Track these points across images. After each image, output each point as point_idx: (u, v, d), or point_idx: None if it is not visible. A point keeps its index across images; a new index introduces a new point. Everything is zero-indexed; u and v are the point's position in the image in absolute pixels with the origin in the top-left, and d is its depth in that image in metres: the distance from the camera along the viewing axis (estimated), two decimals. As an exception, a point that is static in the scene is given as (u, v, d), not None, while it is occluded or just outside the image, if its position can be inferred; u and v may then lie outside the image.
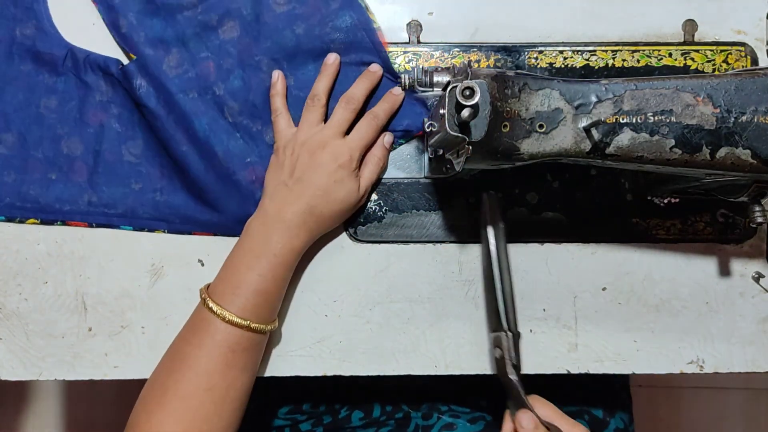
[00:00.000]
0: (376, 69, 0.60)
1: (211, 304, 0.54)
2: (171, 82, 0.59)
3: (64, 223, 0.61)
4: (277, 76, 0.60)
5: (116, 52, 0.62)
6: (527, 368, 0.62)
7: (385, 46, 0.60)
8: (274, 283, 0.56)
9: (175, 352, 0.56)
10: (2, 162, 0.61)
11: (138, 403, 0.55)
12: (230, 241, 0.63)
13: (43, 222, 0.61)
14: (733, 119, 0.47)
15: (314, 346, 0.63)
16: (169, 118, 0.59)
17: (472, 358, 0.62)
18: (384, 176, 0.62)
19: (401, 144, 0.61)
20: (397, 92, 0.60)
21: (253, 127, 0.60)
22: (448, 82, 0.50)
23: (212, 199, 0.60)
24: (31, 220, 0.61)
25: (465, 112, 0.43)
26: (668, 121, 0.47)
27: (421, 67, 0.62)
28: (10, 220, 0.61)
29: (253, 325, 0.54)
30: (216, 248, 0.63)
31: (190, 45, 0.60)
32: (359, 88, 0.59)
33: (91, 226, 0.62)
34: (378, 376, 0.62)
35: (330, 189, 0.56)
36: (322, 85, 0.59)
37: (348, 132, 0.58)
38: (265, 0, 0.60)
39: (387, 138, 0.60)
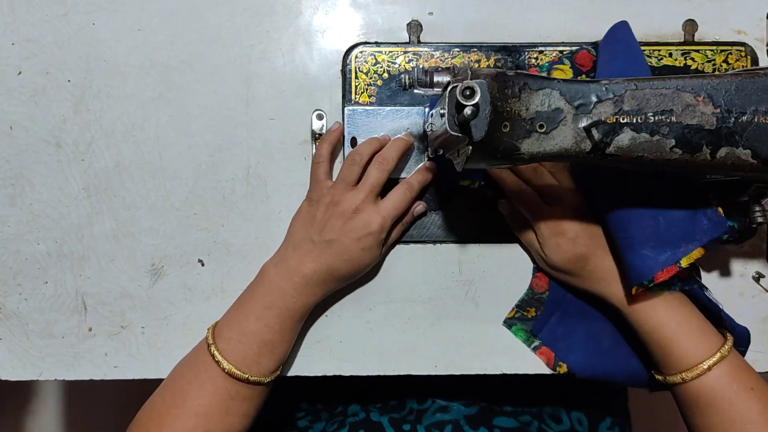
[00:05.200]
0: (409, 137, 0.61)
1: (213, 350, 0.55)
2: None
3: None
4: (336, 126, 0.61)
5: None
6: (515, 369, 0.62)
7: None
8: (282, 335, 0.56)
9: (176, 387, 0.56)
10: None
11: (133, 427, 0.55)
12: (230, 242, 0.63)
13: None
14: (733, 119, 0.46)
15: (314, 346, 0.63)
16: None
17: (472, 358, 0.62)
18: (384, 176, 0.63)
19: None
20: (430, 166, 0.61)
21: None
22: (449, 82, 0.50)
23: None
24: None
25: (465, 112, 0.43)
26: (668, 121, 0.47)
27: (421, 67, 0.62)
28: None
29: (252, 378, 0.55)
30: (216, 248, 0.63)
31: None
32: (393, 150, 0.59)
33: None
34: (374, 376, 0.62)
35: (356, 255, 0.56)
36: (368, 149, 0.59)
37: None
38: None
39: (419, 208, 0.61)
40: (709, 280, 0.63)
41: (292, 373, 0.62)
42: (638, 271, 0.53)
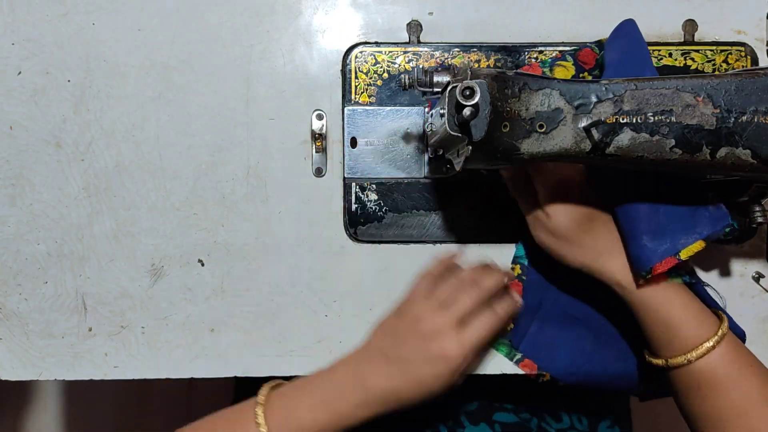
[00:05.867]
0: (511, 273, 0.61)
1: (259, 411, 0.53)
2: None
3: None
4: (453, 257, 0.59)
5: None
6: (515, 369, 0.62)
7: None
8: None
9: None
10: None
11: None
12: (230, 242, 0.63)
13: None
14: (733, 119, 0.46)
15: (314, 346, 0.63)
16: None
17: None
18: (384, 176, 0.62)
19: None
20: (517, 298, 0.59)
21: None
22: (448, 82, 0.50)
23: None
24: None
25: (465, 112, 0.43)
26: (668, 121, 0.47)
27: (421, 67, 0.62)
28: None
29: None
30: (216, 248, 0.63)
31: None
32: (492, 281, 0.56)
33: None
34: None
35: (426, 380, 0.53)
36: (472, 274, 0.57)
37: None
38: None
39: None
40: (709, 280, 0.63)
41: (291, 373, 0.62)
42: (635, 261, 0.53)
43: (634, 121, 0.47)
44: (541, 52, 0.62)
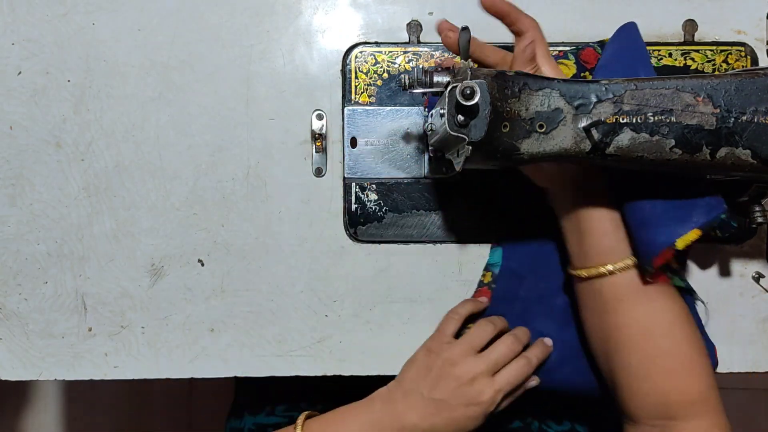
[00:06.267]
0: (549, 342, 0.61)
1: None
2: None
3: None
4: (485, 302, 0.61)
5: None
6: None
7: None
8: None
9: None
10: None
11: None
12: (230, 242, 0.63)
13: None
14: (733, 119, 0.46)
15: (314, 346, 0.63)
16: None
17: (472, 358, 0.62)
18: (384, 176, 0.63)
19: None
20: (549, 343, 0.60)
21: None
22: (448, 82, 0.50)
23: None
24: None
25: (465, 112, 0.43)
26: (668, 121, 0.47)
27: (421, 67, 0.62)
28: None
29: None
30: (216, 248, 0.63)
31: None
32: (525, 333, 0.59)
33: None
34: (374, 376, 0.62)
35: (460, 422, 0.55)
36: (503, 323, 0.59)
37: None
38: None
39: (532, 383, 0.59)
40: (709, 280, 0.63)
41: (291, 373, 0.62)
42: (638, 256, 0.53)
43: (634, 121, 0.47)
44: (541, 52, 0.62)
